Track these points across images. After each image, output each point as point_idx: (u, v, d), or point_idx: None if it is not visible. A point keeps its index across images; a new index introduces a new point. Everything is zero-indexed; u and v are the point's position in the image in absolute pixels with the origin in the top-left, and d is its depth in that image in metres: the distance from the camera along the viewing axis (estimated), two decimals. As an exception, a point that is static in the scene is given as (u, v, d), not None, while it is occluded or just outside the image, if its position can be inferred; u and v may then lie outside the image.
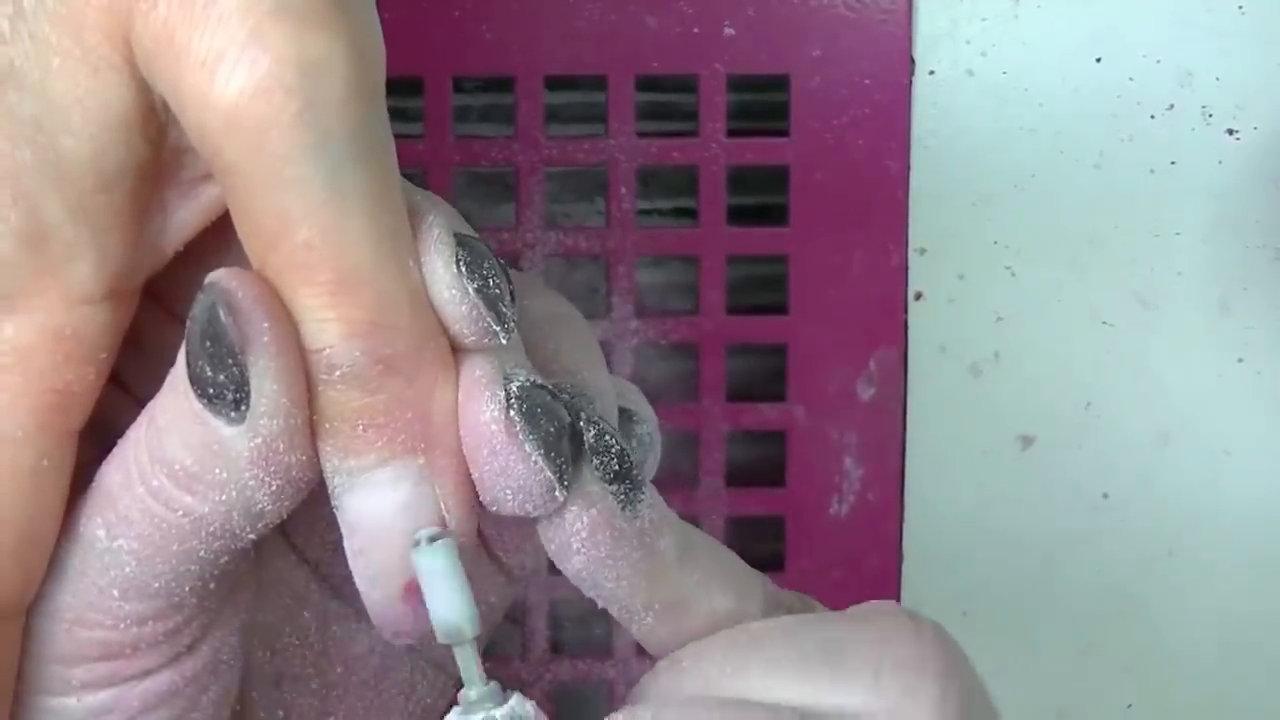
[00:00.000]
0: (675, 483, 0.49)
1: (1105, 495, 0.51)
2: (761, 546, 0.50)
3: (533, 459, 0.28)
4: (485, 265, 0.28)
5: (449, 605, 0.28)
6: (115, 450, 0.29)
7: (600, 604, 0.31)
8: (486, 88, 0.49)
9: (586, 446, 0.29)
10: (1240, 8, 0.48)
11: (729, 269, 0.49)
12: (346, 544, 0.29)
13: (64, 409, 0.28)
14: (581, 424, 0.29)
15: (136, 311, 0.30)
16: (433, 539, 0.28)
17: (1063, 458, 0.51)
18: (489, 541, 0.32)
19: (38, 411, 0.28)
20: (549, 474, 0.28)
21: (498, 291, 0.28)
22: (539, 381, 0.29)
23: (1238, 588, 0.51)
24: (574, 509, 0.29)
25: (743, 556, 0.50)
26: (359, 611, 0.34)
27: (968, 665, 0.30)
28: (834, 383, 0.49)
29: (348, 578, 0.33)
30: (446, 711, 0.29)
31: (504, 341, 0.28)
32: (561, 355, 0.31)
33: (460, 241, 0.28)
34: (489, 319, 0.28)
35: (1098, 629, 0.51)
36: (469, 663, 0.29)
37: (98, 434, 0.29)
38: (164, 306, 0.30)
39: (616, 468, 0.29)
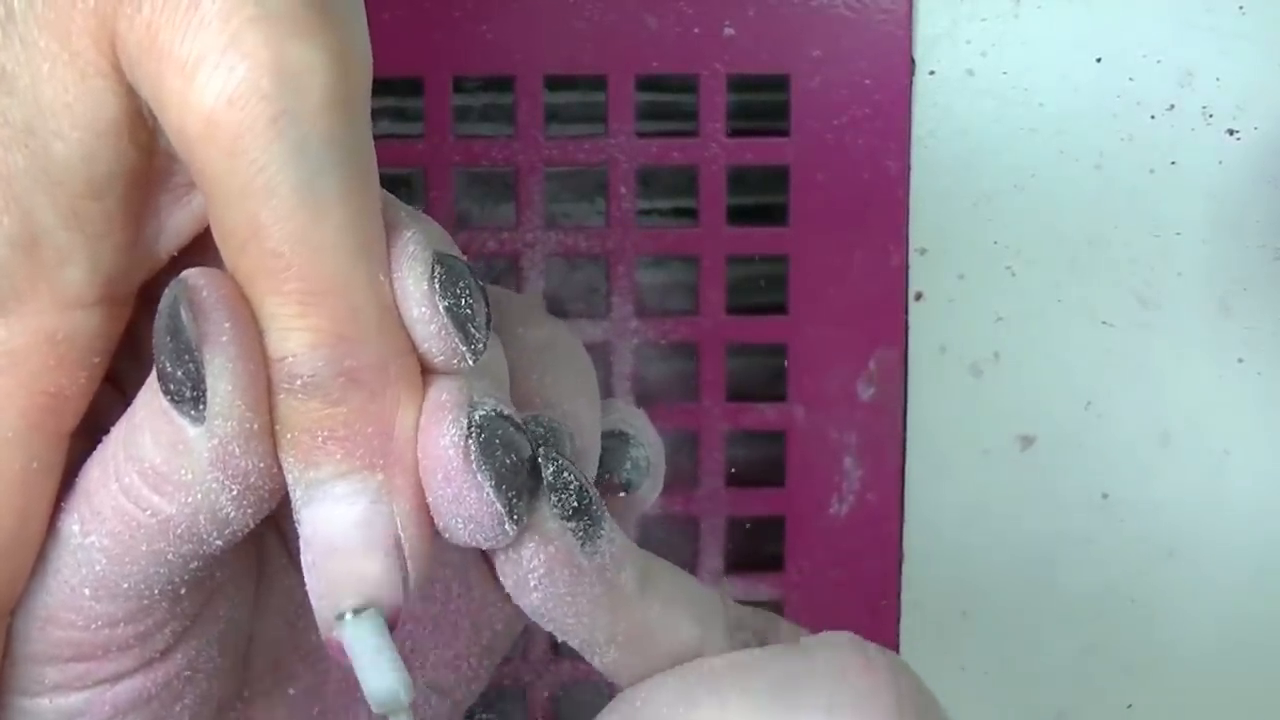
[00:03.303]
0: (675, 483, 0.49)
1: (1105, 495, 0.51)
2: (761, 546, 0.50)
3: (485, 490, 0.28)
4: (460, 284, 0.28)
5: (380, 677, 0.27)
6: (98, 448, 0.29)
7: (560, 638, 0.30)
8: (486, 88, 0.49)
9: (545, 483, 0.29)
10: (1240, 8, 0.48)
11: (729, 269, 0.49)
12: (303, 556, 0.28)
13: (55, 412, 0.28)
14: (541, 459, 0.29)
15: (134, 316, 0.30)
16: (357, 611, 0.27)
17: (1063, 458, 0.51)
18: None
19: (28, 414, 0.28)
20: (499, 506, 0.28)
21: (469, 312, 0.28)
22: (505, 412, 0.28)
23: (1238, 588, 0.51)
24: (531, 545, 0.29)
25: (743, 556, 0.50)
26: None
27: (922, 696, 0.30)
28: (834, 383, 0.49)
29: None
30: None
31: (471, 364, 0.28)
32: (547, 386, 0.31)
33: (439, 259, 0.28)
34: (456, 339, 0.28)
35: (1098, 629, 0.51)
36: None
37: (92, 437, 0.29)
38: (149, 311, 0.30)
39: (575, 504, 0.29)
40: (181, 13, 0.26)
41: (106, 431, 0.29)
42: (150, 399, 0.27)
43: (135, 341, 0.30)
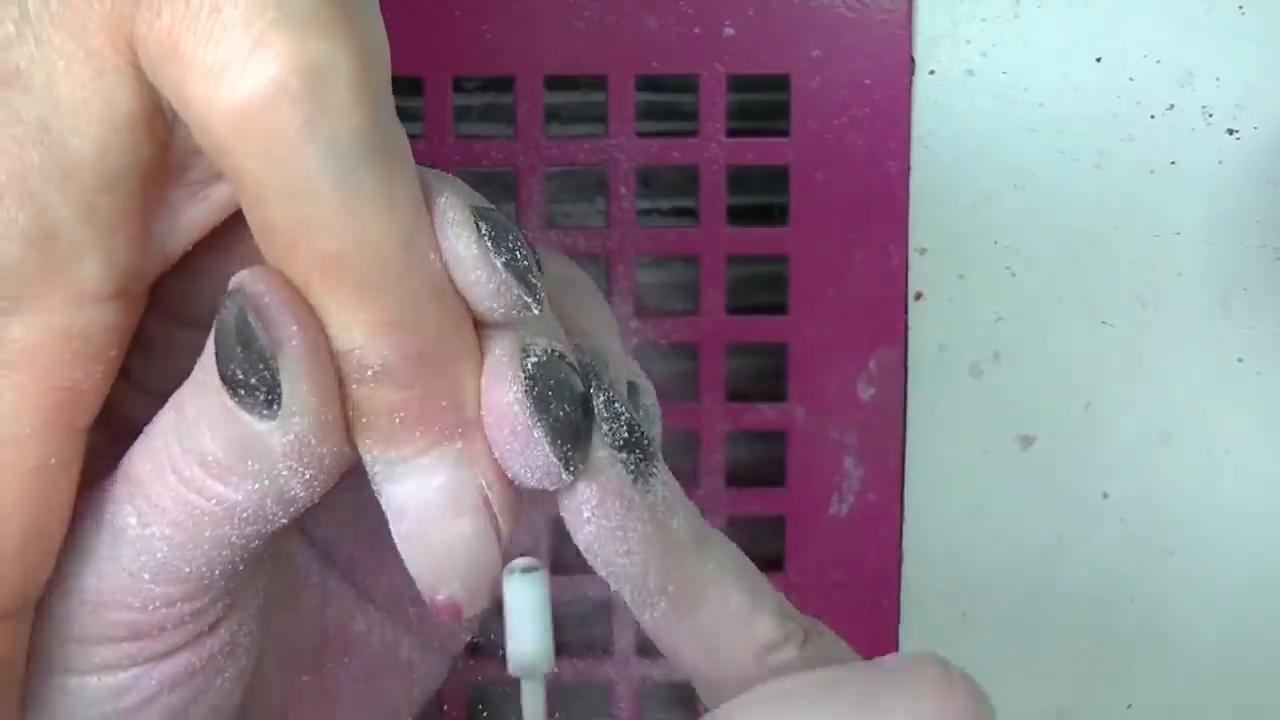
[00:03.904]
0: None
1: (1105, 495, 0.51)
2: (761, 546, 0.50)
3: (542, 446, 0.28)
4: (510, 238, 0.28)
5: (528, 639, 0.29)
6: (141, 440, 0.29)
7: (613, 586, 0.31)
8: (486, 88, 0.49)
9: (596, 414, 0.29)
10: (1240, 8, 0.48)
11: (729, 269, 0.49)
12: (393, 528, 0.29)
13: (71, 407, 0.28)
14: (593, 390, 0.29)
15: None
16: (526, 570, 0.29)
17: (1063, 458, 0.51)
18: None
19: (44, 410, 0.28)
20: (554, 459, 0.29)
21: (526, 263, 0.28)
22: (557, 349, 0.29)
23: (1238, 588, 0.51)
24: (584, 477, 0.29)
25: (743, 556, 0.50)
26: (360, 592, 0.34)
27: (993, 715, 0.30)
28: (834, 383, 0.49)
29: (354, 557, 0.34)
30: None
31: (536, 313, 0.29)
32: (579, 318, 0.31)
33: (481, 215, 0.28)
34: (519, 292, 0.28)
35: (1098, 629, 0.51)
36: (536, 700, 0.29)
37: (108, 429, 0.29)
38: (162, 306, 0.30)
39: (626, 435, 0.30)
40: (203, 18, 0.26)
41: (120, 423, 0.29)
42: (207, 396, 0.28)
43: (143, 335, 0.30)
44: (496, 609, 0.31)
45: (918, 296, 0.49)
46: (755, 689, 0.30)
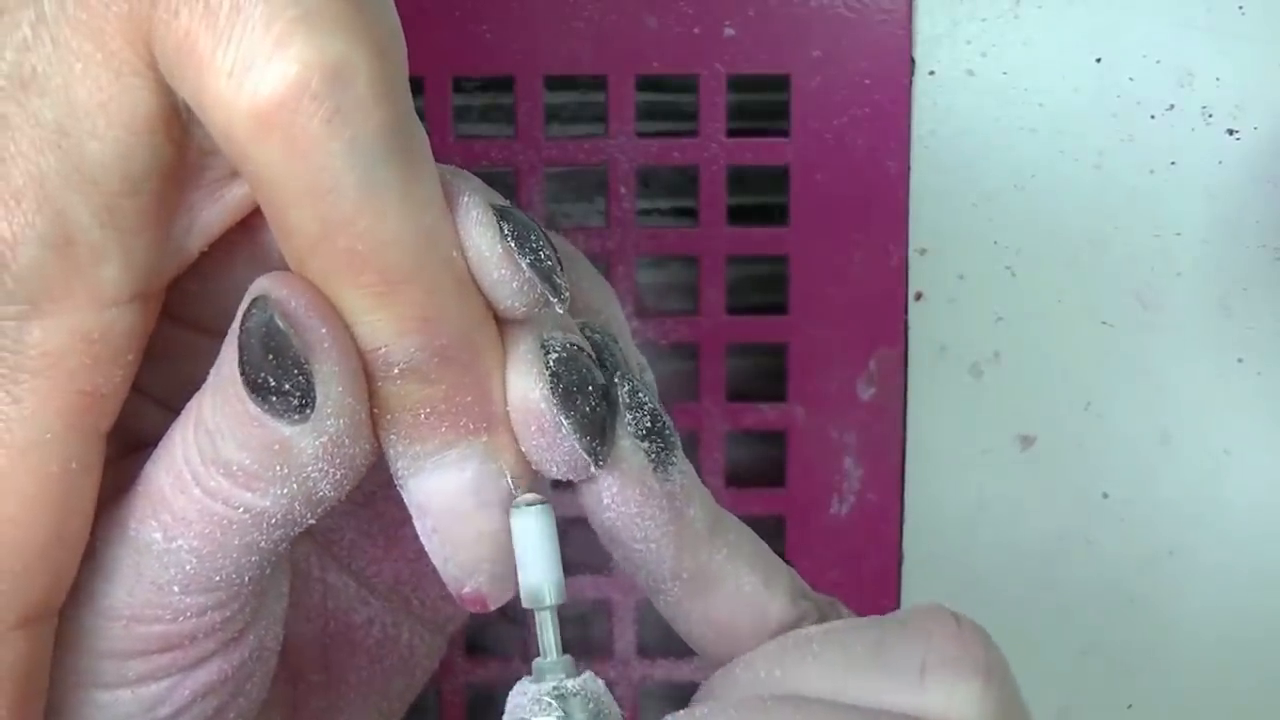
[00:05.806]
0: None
1: (1105, 495, 0.51)
2: (761, 546, 0.50)
3: (570, 442, 0.29)
4: (533, 238, 0.28)
5: (536, 569, 0.29)
6: (159, 453, 0.29)
7: (628, 570, 0.31)
8: (486, 88, 0.49)
9: (620, 404, 0.29)
10: (1240, 8, 0.48)
11: (729, 269, 0.49)
12: (418, 523, 0.29)
13: (92, 411, 0.28)
14: (617, 380, 0.30)
15: None
16: (531, 504, 0.29)
17: (1063, 458, 0.51)
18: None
19: (66, 414, 0.28)
20: (582, 454, 0.29)
21: (550, 263, 0.29)
22: (575, 342, 0.29)
23: (1238, 588, 0.51)
24: (607, 466, 0.30)
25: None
26: (361, 583, 0.34)
27: (1005, 662, 0.31)
28: (834, 383, 0.49)
29: (354, 548, 0.34)
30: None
31: (561, 311, 0.29)
32: (583, 293, 0.32)
33: (502, 215, 0.28)
34: (545, 291, 0.28)
35: (1098, 629, 0.51)
36: (548, 630, 0.29)
37: (118, 436, 0.29)
38: (164, 310, 0.30)
39: (649, 424, 0.30)
40: (222, 18, 0.26)
41: (126, 427, 0.29)
42: (228, 405, 0.28)
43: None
44: (508, 617, 0.31)
45: (918, 296, 0.49)
46: (776, 638, 0.31)
